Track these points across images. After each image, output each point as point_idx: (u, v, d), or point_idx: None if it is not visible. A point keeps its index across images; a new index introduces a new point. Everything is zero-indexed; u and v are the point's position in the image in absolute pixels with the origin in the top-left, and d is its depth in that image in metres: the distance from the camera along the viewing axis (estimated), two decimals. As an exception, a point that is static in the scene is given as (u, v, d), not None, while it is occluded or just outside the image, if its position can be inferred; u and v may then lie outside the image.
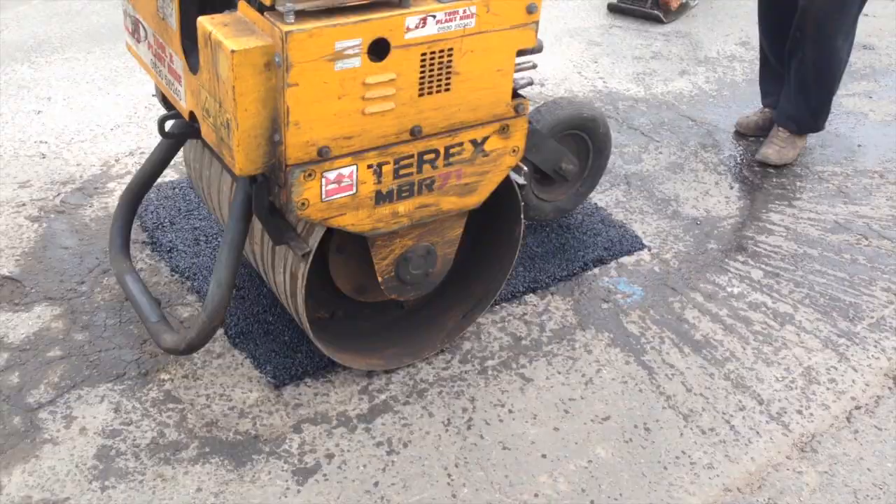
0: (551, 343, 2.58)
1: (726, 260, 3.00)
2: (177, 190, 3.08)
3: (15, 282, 2.66)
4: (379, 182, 2.00)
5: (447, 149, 2.07)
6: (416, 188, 2.07)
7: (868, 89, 4.36)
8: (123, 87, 3.83)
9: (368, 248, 2.16)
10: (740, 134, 3.77)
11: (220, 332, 2.50)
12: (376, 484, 2.11)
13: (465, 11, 1.92)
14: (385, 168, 1.99)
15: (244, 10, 1.86)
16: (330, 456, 2.17)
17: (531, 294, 2.77)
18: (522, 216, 2.39)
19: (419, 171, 2.05)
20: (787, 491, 2.17)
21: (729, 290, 2.85)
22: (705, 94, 4.16)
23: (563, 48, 4.58)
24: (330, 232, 2.09)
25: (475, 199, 2.20)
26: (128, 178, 3.16)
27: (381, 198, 2.03)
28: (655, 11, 4.94)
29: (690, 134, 3.81)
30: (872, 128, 3.97)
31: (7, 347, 2.42)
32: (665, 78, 4.27)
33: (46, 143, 3.38)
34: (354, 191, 1.98)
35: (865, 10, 3.48)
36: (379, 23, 1.81)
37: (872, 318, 2.77)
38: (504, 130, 2.13)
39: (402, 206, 2.08)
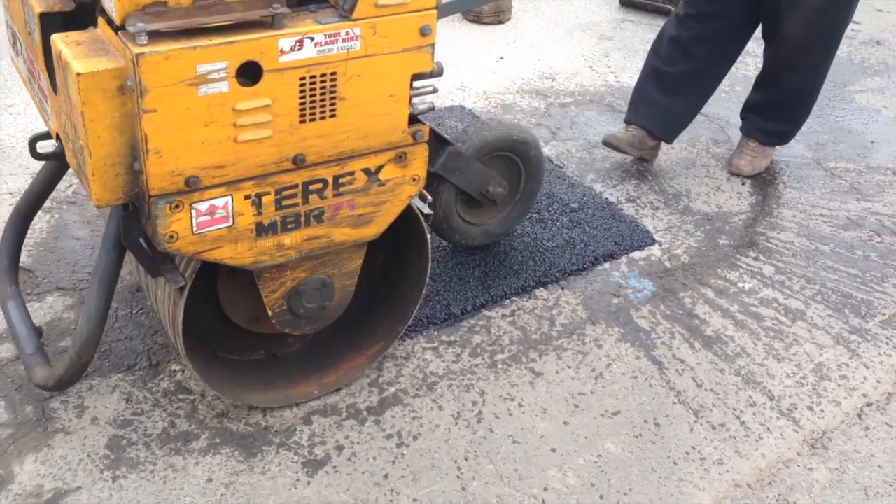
0: (561, 337, 2.58)
1: (737, 255, 2.99)
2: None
3: (27, 272, 2.67)
4: (259, 213, 1.86)
5: (336, 178, 1.92)
6: (302, 219, 1.93)
7: (881, 85, 4.34)
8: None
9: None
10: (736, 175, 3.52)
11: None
12: (386, 476, 2.11)
13: (347, 34, 1.77)
14: (265, 199, 1.85)
15: (102, 28, 1.71)
16: (340, 448, 2.18)
17: (541, 288, 2.76)
18: (429, 246, 2.24)
19: (305, 201, 1.91)
20: (797, 487, 2.16)
21: (740, 285, 2.85)
22: (718, 90, 4.14)
23: (575, 42, 4.57)
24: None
25: (372, 231, 2.05)
26: (139, 170, 3.16)
27: (262, 230, 1.88)
28: (667, 6, 4.92)
29: (702, 129, 3.79)
30: (885, 124, 3.95)
31: (19, 337, 2.43)
32: (677, 73, 4.24)
33: (59, 134, 3.39)
34: (231, 223, 1.83)
35: (879, 5, 3.45)
36: (247, 45, 1.67)
37: (884, 314, 2.75)
38: (401, 159, 1.99)
39: (289, 239, 1.93)
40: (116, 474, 2.07)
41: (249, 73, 1.70)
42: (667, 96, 3.33)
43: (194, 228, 1.80)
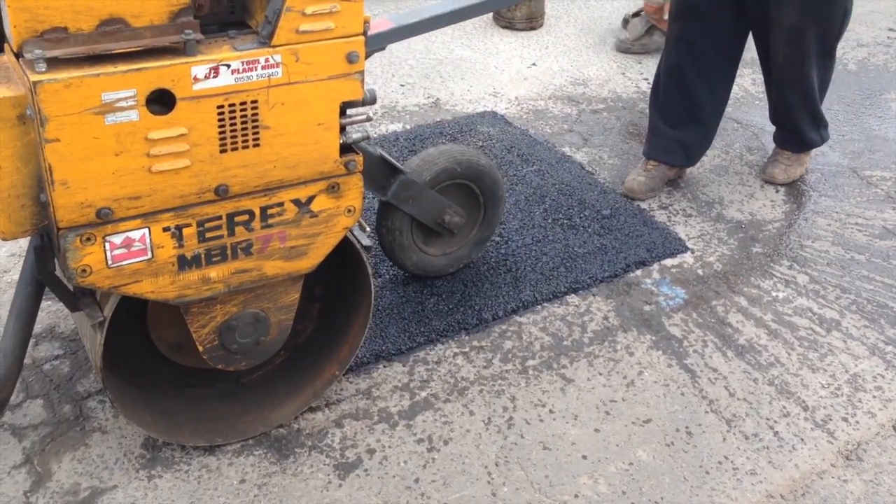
0: (592, 344, 2.57)
1: (771, 264, 2.97)
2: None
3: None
4: (180, 246, 1.80)
5: (263, 209, 1.86)
6: (229, 252, 1.87)
7: (919, 93, 4.29)
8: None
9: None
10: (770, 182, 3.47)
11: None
12: (417, 480, 2.12)
13: (267, 60, 1.71)
14: (186, 231, 1.79)
15: (7, 54, 1.66)
16: (371, 451, 2.19)
17: (572, 294, 2.76)
18: (370, 278, 2.18)
19: (231, 233, 1.85)
20: (831, 499, 2.14)
21: (773, 294, 2.82)
22: (751, 96, 4.12)
23: (607, 49, 4.56)
24: None
25: (307, 263, 1.99)
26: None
27: (185, 263, 1.83)
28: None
29: (736, 136, 3.77)
30: (923, 132, 3.90)
31: (58, 337, 2.47)
32: (710, 79, 4.22)
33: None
34: (150, 256, 1.78)
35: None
36: (157, 72, 1.61)
37: (921, 325, 2.72)
38: (334, 189, 1.93)
39: (215, 272, 1.87)
40: (152, 473, 2.09)
41: (161, 102, 1.65)
42: (674, 128, 3.29)
43: (109, 262, 1.74)
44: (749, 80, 4.25)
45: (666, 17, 4.28)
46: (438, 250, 2.70)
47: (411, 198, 2.49)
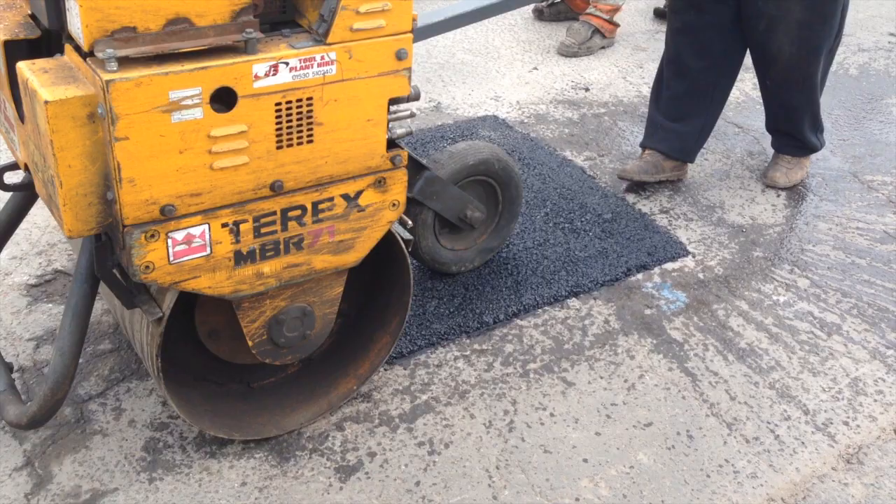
0: (593, 347, 2.57)
1: (772, 268, 2.97)
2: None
3: (67, 276, 2.72)
4: (237, 241, 1.82)
5: (315, 205, 1.89)
6: (282, 247, 1.89)
7: (920, 98, 4.29)
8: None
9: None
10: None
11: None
12: (418, 483, 2.12)
13: (322, 58, 1.74)
14: (243, 226, 1.81)
15: (70, 54, 1.67)
16: (372, 454, 2.19)
17: (573, 298, 2.76)
18: (410, 271, 2.21)
19: (284, 228, 1.87)
20: (831, 503, 2.14)
21: (774, 298, 2.83)
22: (752, 100, 4.13)
23: (609, 53, 4.57)
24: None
25: (353, 257, 2.02)
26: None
27: (241, 258, 1.85)
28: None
29: (737, 141, 3.77)
30: (924, 137, 3.90)
31: (59, 340, 2.48)
32: (711, 84, 4.23)
33: (99, 140, 3.45)
34: (209, 251, 1.79)
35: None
36: (220, 70, 1.63)
37: (922, 329, 2.72)
38: (380, 184, 1.96)
39: (268, 267, 1.90)
40: (153, 476, 2.10)
41: (224, 99, 1.68)
42: (673, 121, 3.31)
43: (171, 258, 1.75)
44: (750, 85, 4.26)
45: (615, 19, 4.33)
46: (449, 244, 2.74)
47: (435, 193, 2.54)
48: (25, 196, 2.27)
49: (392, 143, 1.98)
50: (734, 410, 2.38)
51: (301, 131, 1.79)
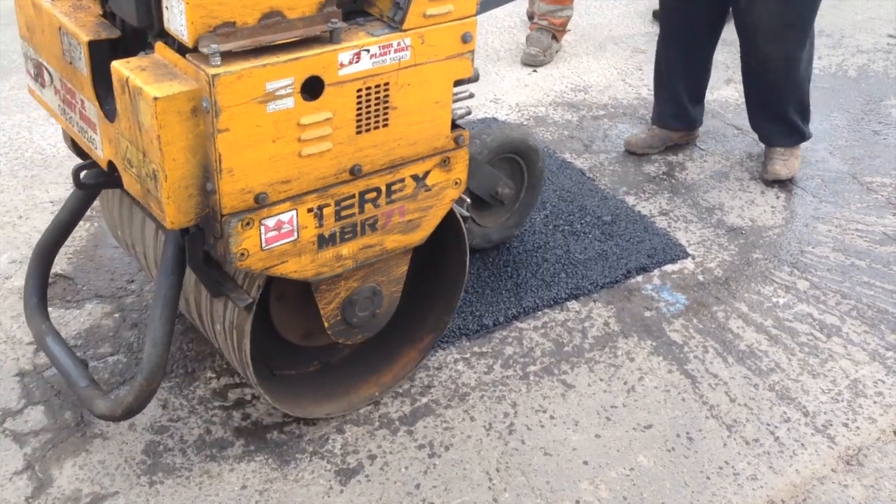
0: (593, 350, 2.57)
1: (771, 270, 2.97)
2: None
3: (67, 279, 2.72)
4: (320, 226, 1.89)
5: (388, 186, 1.97)
6: (358, 229, 1.97)
7: (919, 99, 4.30)
8: (173, 90, 3.89)
9: (312, 293, 2.05)
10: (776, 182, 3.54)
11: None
12: (418, 486, 2.12)
13: (399, 44, 1.82)
14: (326, 210, 1.88)
15: (162, 52, 1.73)
16: (372, 457, 2.19)
17: (573, 300, 2.77)
18: (468, 249, 2.28)
19: (361, 211, 1.95)
20: (832, 504, 2.14)
21: (774, 300, 2.83)
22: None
23: (608, 55, 4.57)
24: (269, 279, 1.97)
25: (420, 236, 2.10)
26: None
27: (323, 242, 1.92)
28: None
29: (736, 143, 3.78)
30: (923, 138, 3.90)
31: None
32: (710, 86, 4.22)
33: (98, 144, 3.45)
34: (295, 236, 1.86)
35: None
36: (311, 60, 1.71)
37: (922, 331, 2.72)
38: (445, 163, 2.04)
39: (346, 249, 1.97)
40: (153, 479, 2.10)
41: (311, 89, 1.75)
42: (675, 95, 3.57)
43: (263, 244, 1.82)
44: (749, 87, 4.26)
45: (568, 28, 4.54)
46: (478, 219, 2.82)
47: (471, 172, 2.56)
48: (86, 195, 2.28)
49: (454, 124, 2.06)
50: (734, 412, 2.38)
51: (378, 116, 1.87)
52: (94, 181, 2.06)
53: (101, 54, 1.82)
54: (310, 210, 1.86)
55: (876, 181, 3.53)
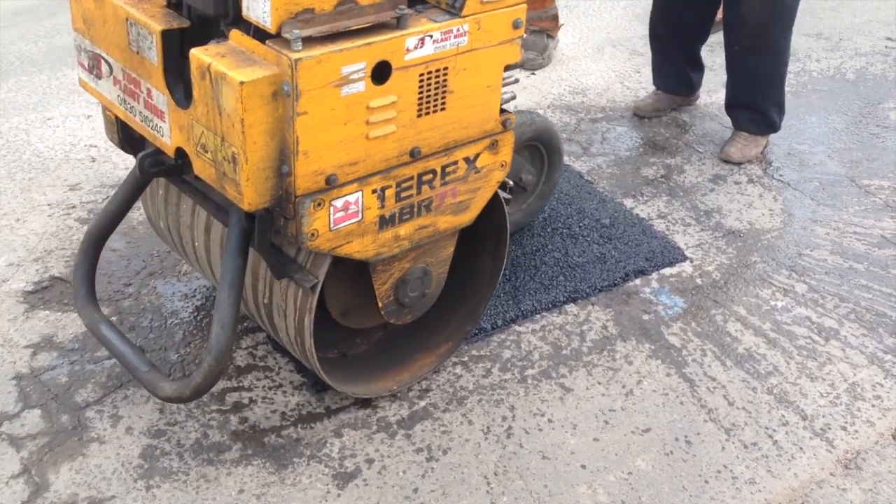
0: (591, 353, 2.57)
1: (770, 273, 2.97)
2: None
3: (64, 282, 2.72)
4: (382, 206, 1.96)
5: (443, 168, 2.03)
6: (415, 210, 2.03)
7: (917, 102, 4.30)
8: (171, 92, 3.89)
9: (350, 272, 2.12)
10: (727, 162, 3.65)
11: (263, 335, 2.54)
12: (416, 490, 2.12)
13: (458, 30, 1.90)
14: (388, 192, 1.95)
15: (238, 39, 1.79)
16: (370, 461, 2.19)
17: (571, 304, 2.76)
18: (508, 230, 2.36)
19: (418, 192, 2.01)
20: (830, 508, 2.14)
21: (772, 303, 2.82)
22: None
23: (606, 58, 4.57)
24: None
25: (469, 217, 2.17)
26: (174, 183, 3.21)
27: (384, 222, 1.99)
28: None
29: (734, 145, 3.77)
30: (921, 141, 3.91)
31: (56, 346, 2.47)
32: (708, 89, 4.23)
33: (96, 146, 3.45)
34: (360, 217, 1.93)
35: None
36: (381, 45, 1.78)
37: (920, 334, 2.72)
38: (494, 146, 2.11)
39: (404, 229, 2.04)
40: (150, 484, 2.09)
41: (379, 73, 1.82)
42: (671, 61, 3.80)
43: (331, 225, 1.89)
44: (747, 90, 4.26)
45: (561, 23, 4.61)
46: (511, 209, 2.89)
47: None
48: (136, 185, 2.31)
49: (501, 108, 2.11)
50: (732, 416, 2.38)
51: (437, 99, 1.95)
52: (157, 169, 2.10)
53: (173, 44, 1.89)
54: (374, 191, 1.93)
55: (874, 184, 3.53)
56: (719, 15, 3.66)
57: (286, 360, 2.46)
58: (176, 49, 1.86)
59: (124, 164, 3.33)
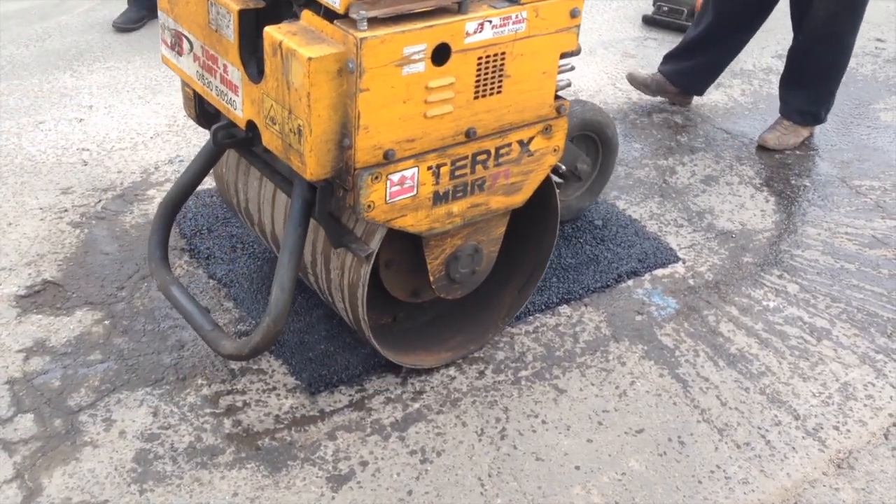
0: (585, 354, 2.58)
1: (762, 274, 2.98)
2: (215, 198, 3.13)
3: (57, 286, 2.71)
4: (437, 183, 2.07)
5: (497, 149, 2.13)
6: (469, 188, 2.14)
7: (907, 103, 4.32)
8: (163, 95, 3.89)
9: (414, 252, 2.24)
10: (766, 149, 3.74)
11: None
12: (410, 492, 2.12)
13: (517, 16, 1.99)
14: (443, 169, 2.06)
15: (309, 19, 1.92)
16: (364, 463, 2.19)
17: (565, 305, 2.77)
18: (558, 218, 2.46)
19: (472, 171, 2.12)
20: (823, 507, 2.15)
21: (764, 304, 2.83)
22: (741, 106, 4.15)
23: (598, 60, 4.58)
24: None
25: (520, 198, 2.27)
26: (167, 186, 3.21)
27: (438, 198, 2.09)
28: (690, 23, 4.92)
29: (726, 146, 3.79)
30: (911, 142, 3.92)
31: (49, 351, 2.47)
32: (700, 90, 4.25)
33: (88, 150, 3.44)
34: (415, 192, 2.04)
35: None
36: (442, 28, 1.89)
37: (911, 334, 2.74)
38: (547, 130, 2.20)
39: (457, 207, 2.15)
40: (143, 488, 2.09)
41: (439, 55, 1.92)
42: (687, 55, 3.82)
43: (387, 198, 2.00)
44: (738, 91, 4.28)
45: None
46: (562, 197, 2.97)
47: None
48: (210, 157, 2.42)
49: (556, 94, 2.20)
50: (725, 416, 2.39)
51: (493, 83, 2.04)
52: (229, 141, 2.22)
53: (249, 22, 2.01)
54: (429, 168, 2.03)
55: (865, 184, 3.55)
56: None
57: (280, 363, 2.46)
58: (251, 28, 1.99)
59: (116, 167, 3.33)
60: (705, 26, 3.76)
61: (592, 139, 3.01)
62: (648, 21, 5.07)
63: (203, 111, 2.40)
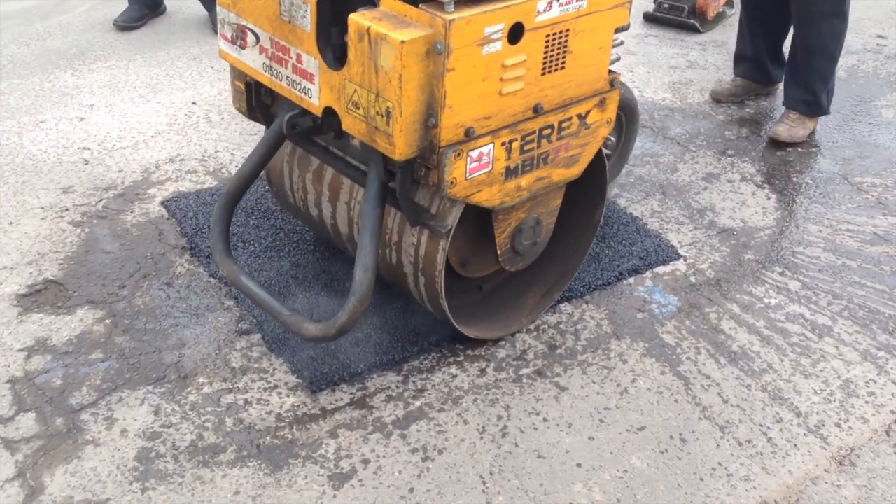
0: (586, 352, 2.58)
1: (763, 271, 2.98)
2: (215, 196, 3.13)
3: (58, 285, 2.71)
4: (509, 158, 2.15)
5: (560, 123, 2.22)
6: (535, 162, 2.22)
7: (908, 99, 4.31)
8: (164, 94, 3.89)
9: (469, 225, 2.31)
10: (775, 142, 3.75)
11: (258, 337, 2.54)
12: (412, 490, 2.12)
13: None
14: (514, 145, 2.14)
15: (390, 4, 1.98)
16: (366, 461, 2.19)
17: (566, 303, 2.77)
18: (607, 178, 2.56)
19: (538, 145, 2.20)
20: (825, 505, 2.15)
21: (766, 301, 2.83)
22: (743, 102, 4.13)
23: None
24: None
25: (577, 170, 2.37)
26: (168, 185, 3.21)
27: (509, 173, 2.17)
28: (692, 21, 4.92)
29: (727, 144, 3.78)
30: (913, 138, 3.92)
31: (50, 350, 2.47)
32: (701, 87, 4.25)
33: (89, 149, 3.45)
34: (490, 168, 2.12)
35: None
36: (518, 8, 1.98)
37: (913, 331, 2.73)
38: (602, 103, 2.30)
39: (525, 180, 2.23)
40: (145, 486, 2.09)
41: (513, 34, 2.00)
42: (750, 52, 3.98)
43: (467, 174, 2.08)
44: (740, 88, 4.27)
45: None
46: None
47: None
48: (270, 148, 2.41)
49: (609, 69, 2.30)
50: (727, 413, 2.39)
51: (559, 59, 2.14)
52: (302, 129, 2.27)
53: (324, 12, 2.07)
54: (503, 144, 2.12)
55: (866, 181, 3.54)
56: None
57: (281, 362, 2.46)
58: (327, 17, 2.05)
59: (117, 166, 3.33)
60: (742, 18, 3.97)
61: (618, 115, 3.03)
62: (649, 18, 5.07)
63: (258, 103, 2.45)
